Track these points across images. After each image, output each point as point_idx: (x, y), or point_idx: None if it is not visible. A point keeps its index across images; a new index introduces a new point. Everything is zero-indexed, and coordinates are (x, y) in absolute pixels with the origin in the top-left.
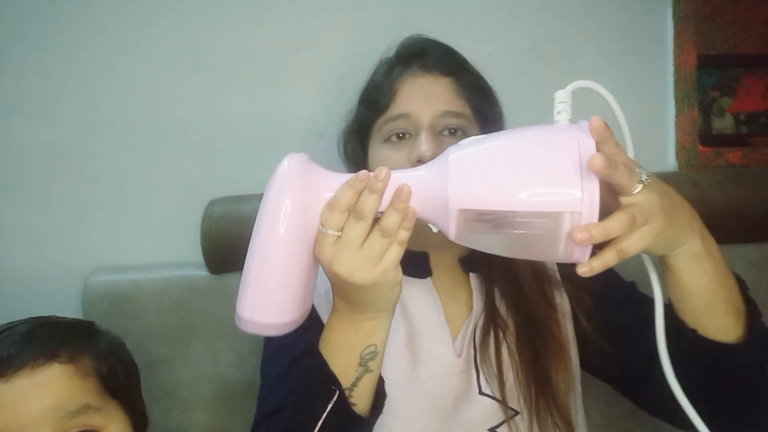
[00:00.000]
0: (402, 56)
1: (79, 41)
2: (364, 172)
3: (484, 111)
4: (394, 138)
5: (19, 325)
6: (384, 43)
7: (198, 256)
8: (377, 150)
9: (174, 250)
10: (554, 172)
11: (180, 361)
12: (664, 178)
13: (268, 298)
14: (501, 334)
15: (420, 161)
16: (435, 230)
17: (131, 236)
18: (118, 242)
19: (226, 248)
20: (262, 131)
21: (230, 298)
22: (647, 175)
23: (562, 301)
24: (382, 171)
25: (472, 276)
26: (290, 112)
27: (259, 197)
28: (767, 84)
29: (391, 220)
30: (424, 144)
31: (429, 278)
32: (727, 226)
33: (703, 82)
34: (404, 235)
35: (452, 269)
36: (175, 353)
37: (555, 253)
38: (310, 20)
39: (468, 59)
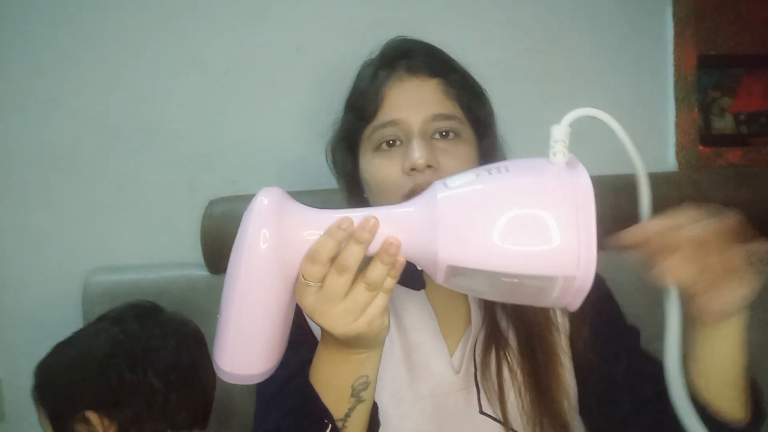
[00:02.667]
0: (386, 59)
1: (79, 42)
2: (346, 218)
3: (475, 110)
4: (384, 146)
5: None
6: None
7: (198, 256)
8: (368, 159)
9: (174, 250)
10: (548, 231)
11: None
12: (665, 178)
13: (249, 349)
14: (502, 352)
15: (414, 169)
16: (419, 268)
17: (131, 236)
18: (118, 242)
19: (226, 248)
20: (262, 131)
21: None
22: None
23: (564, 320)
24: (369, 221)
25: None
26: (290, 112)
27: None
28: (767, 84)
29: (377, 274)
30: (416, 151)
31: (423, 290)
32: None
33: (703, 82)
34: (391, 283)
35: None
36: None
37: (546, 303)
38: (310, 20)
39: (468, 59)
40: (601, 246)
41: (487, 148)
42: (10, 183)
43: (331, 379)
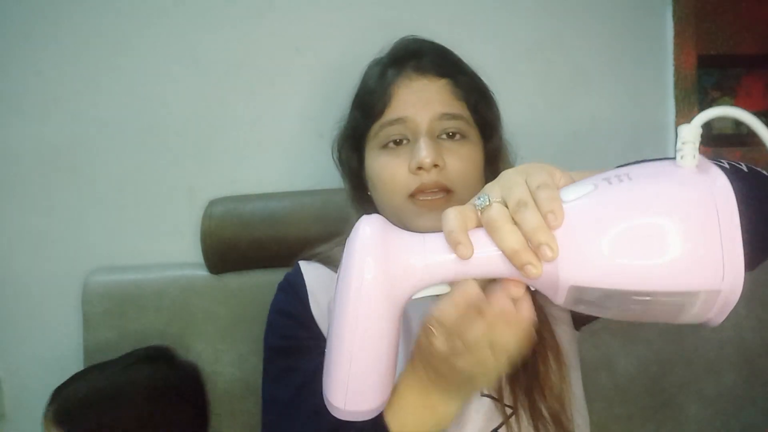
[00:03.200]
0: (395, 58)
1: (79, 41)
2: (472, 291)
3: (482, 112)
4: (391, 144)
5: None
6: (385, 43)
7: (198, 256)
8: (374, 157)
9: (174, 250)
10: (689, 244)
11: None
12: None
13: (363, 383)
14: None
15: (420, 168)
16: (532, 289)
17: (131, 236)
18: (118, 242)
19: (226, 248)
20: (262, 131)
21: (230, 298)
22: None
23: (558, 309)
24: (505, 302)
25: None
26: (290, 112)
27: (260, 197)
28: (767, 84)
29: (500, 335)
30: (423, 150)
31: None
32: None
33: (703, 82)
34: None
35: None
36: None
37: (684, 320)
38: (310, 20)
39: (468, 60)
40: None
41: (493, 150)
42: (10, 183)
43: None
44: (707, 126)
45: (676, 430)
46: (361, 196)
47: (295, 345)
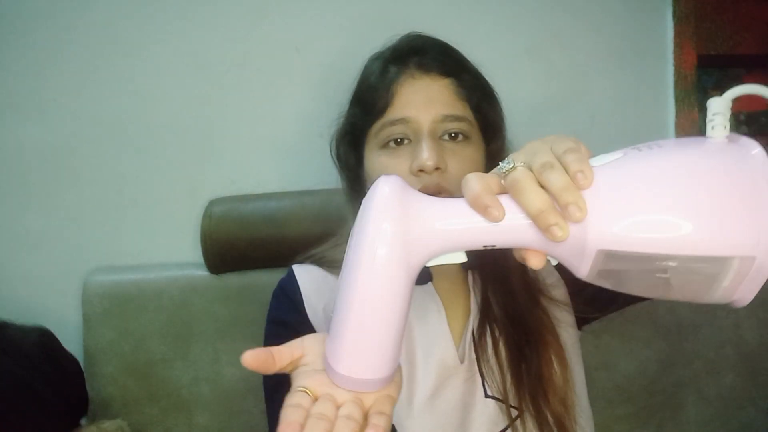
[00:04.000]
0: (397, 54)
1: (79, 41)
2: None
3: (485, 112)
4: (392, 144)
5: None
6: (384, 43)
7: (198, 256)
8: (374, 156)
9: (174, 250)
10: (723, 207)
11: (180, 361)
12: None
13: (371, 352)
14: (496, 331)
15: (422, 171)
16: (554, 263)
17: (131, 236)
18: (118, 242)
19: (226, 248)
20: (262, 131)
21: (230, 298)
22: None
23: (561, 311)
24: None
25: (470, 274)
26: (290, 112)
27: (260, 197)
28: (767, 84)
29: None
30: (425, 152)
31: (430, 282)
32: None
33: (703, 82)
34: None
35: (451, 274)
36: (175, 353)
37: (713, 296)
38: (310, 20)
39: (467, 58)
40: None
41: (495, 151)
42: (9, 183)
43: None
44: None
45: (676, 430)
46: (358, 194)
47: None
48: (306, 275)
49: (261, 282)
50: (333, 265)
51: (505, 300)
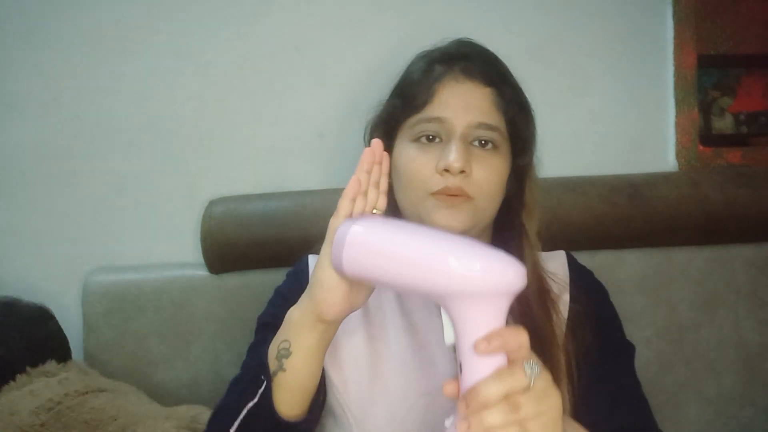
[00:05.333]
0: (445, 57)
1: (79, 41)
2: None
3: (518, 126)
4: (423, 139)
5: None
6: (384, 43)
7: (198, 256)
8: (404, 147)
9: (174, 250)
10: None
11: (180, 361)
12: (665, 178)
13: None
14: None
15: (447, 171)
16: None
17: (131, 236)
18: (118, 242)
19: (226, 248)
20: (261, 131)
21: (230, 298)
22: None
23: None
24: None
25: None
26: (290, 112)
27: (260, 197)
28: (767, 84)
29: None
30: (453, 154)
31: None
32: (727, 226)
33: (703, 82)
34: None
35: None
36: (175, 353)
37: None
38: (311, 20)
39: (511, 71)
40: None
41: (522, 166)
42: (9, 183)
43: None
44: (707, 126)
45: (676, 430)
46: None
47: (279, 324)
48: None
49: (261, 282)
50: None
51: (521, 318)
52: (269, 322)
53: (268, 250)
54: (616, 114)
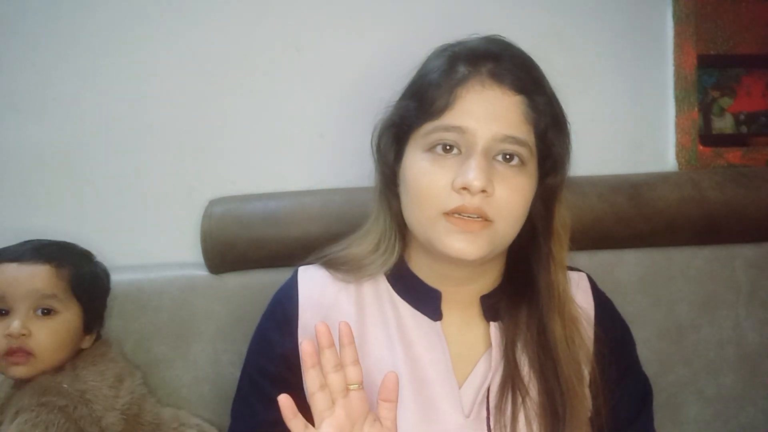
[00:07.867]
0: (471, 55)
1: (78, 41)
2: None
3: (550, 142)
4: (439, 149)
5: (43, 241)
6: (384, 43)
7: (198, 256)
8: (416, 157)
9: (174, 250)
10: None
11: (180, 361)
12: (665, 178)
13: None
14: (520, 399)
15: (465, 189)
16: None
17: (131, 236)
18: (118, 242)
19: (226, 248)
20: (261, 131)
21: (230, 298)
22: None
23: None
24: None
25: (493, 326)
26: (290, 112)
27: (260, 197)
28: (767, 84)
29: None
30: (473, 170)
31: (438, 322)
32: (727, 226)
33: (703, 82)
34: None
35: (466, 308)
36: (175, 353)
37: None
38: (311, 20)
39: (546, 77)
40: None
41: (551, 187)
42: (9, 183)
43: None
44: (707, 126)
45: (676, 430)
46: (390, 191)
47: (263, 387)
48: (309, 283)
49: (261, 282)
50: (342, 269)
51: (542, 371)
52: (255, 380)
53: (268, 250)
54: (615, 114)
